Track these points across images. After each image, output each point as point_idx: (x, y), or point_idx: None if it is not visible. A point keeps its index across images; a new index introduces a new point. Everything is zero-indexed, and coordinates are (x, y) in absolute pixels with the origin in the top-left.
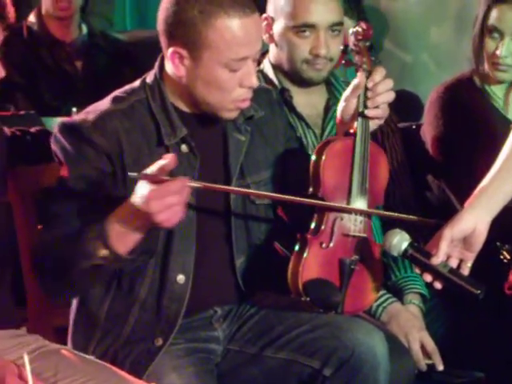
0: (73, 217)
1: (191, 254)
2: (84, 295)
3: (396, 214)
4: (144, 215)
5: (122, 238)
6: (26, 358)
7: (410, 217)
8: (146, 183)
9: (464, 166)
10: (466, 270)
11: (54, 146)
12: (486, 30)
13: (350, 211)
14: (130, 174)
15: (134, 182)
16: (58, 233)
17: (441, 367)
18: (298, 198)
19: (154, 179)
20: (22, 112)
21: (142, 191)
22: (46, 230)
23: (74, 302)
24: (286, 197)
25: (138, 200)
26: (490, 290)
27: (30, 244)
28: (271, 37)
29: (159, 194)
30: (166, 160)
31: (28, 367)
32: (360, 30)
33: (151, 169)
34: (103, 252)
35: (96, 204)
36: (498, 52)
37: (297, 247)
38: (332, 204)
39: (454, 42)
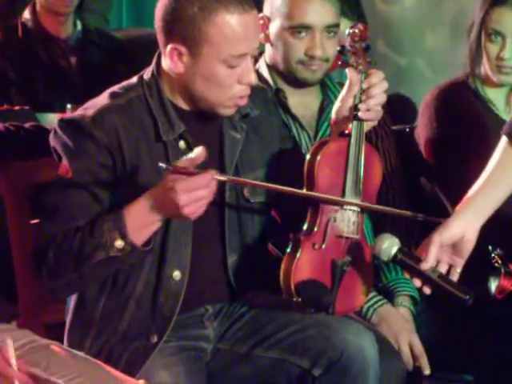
0: (76, 210)
1: (187, 250)
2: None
3: (389, 208)
4: (169, 207)
5: (140, 229)
6: (9, 341)
7: (404, 212)
8: (174, 176)
9: (456, 169)
10: (455, 276)
11: (53, 142)
12: (485, 34)
13: (345, 204)
14: (160, 164)
15: (145, 174)
16: (63, 226)
17: (427, 371)
18: (298, 190)
19: (183, 171)
20: (17, 107)
21: (171, 184)
22: (48, 224)
23: (71, 299)
24: (291, 189)
25: (165, 192)
26: (480, 293)
27: (22, 238)
28: (267, 37)
29: (190, 187)
30: (197, 153)
31: (12, 349)
32: (357, 30)
33: (181, 161)
34: (120, 243)
35: (98, 197)
36: (502, 54)
37: (289, 247)
38: (328, 196)
39: (448, 47)
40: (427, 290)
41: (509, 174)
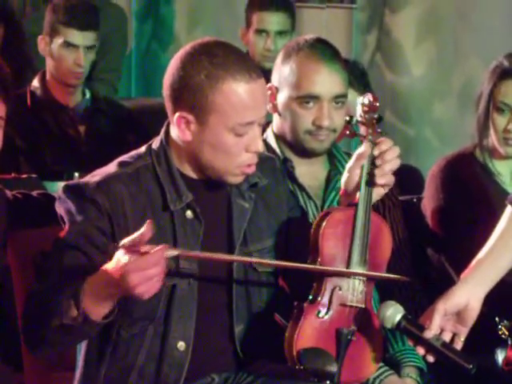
0: (65, 272)
1: (192, 320)
2: (81, 357)
3: (394, 276)
4: (121, 286)
5: (95, 302)
6: None
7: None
8: (124, 254)
9: (462, 240)
10: (459, 344)
11: (58, 208)
12: (494, 107)
13: (347, 274)
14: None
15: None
16: (44, 287)
17: None
18: (291, 264)
19: (133, 250)
20: (24, 176)
21: (120, 262)
22: (37, 285)
23: (78, 367)
24: (280, 262)
25: (117, 271)
26: (487, 365)
27: None
28: (275, 107)
29: (139, 267)
30: (143, 229)
31: None
32: (367, 101)
33: (129, 239)
34: (74, 313)
35: (91, 261)
36: (510, 127)
37: (293, 315)
38: (329, 268)
39: (457, 118)
40: (431, 358)
41: None
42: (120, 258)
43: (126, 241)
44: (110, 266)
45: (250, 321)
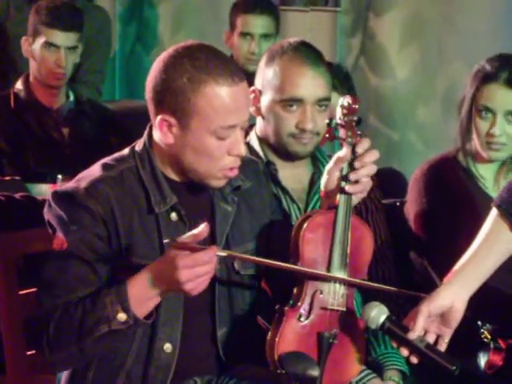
0: (74, 282)
1: (178, 323)
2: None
3: (373, 284)
4: (171, 282)
5: (142, 302)
6: None
7: (389, 288)
8: (176, 251)
9: (445, 244)
10: (443, 346)
11: (47, 215)
12: (476, 111)
13: (327, 278)
14: (164, 241)
15: (138, 246)
16: (62, 299)
17: None
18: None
19: (186, 247)
20: (7, 178)
21: (172, 259)
22: (47, 297)
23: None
24: (300, 268)
25: (167, 267)
26: (470, 368)
27: (11, 309)
28: (258, 110)
29: (191, 264)
30: (200, 229)
31: None
32: (346, 104)
33: (183, 236)
34: (122, 316)
35: (95, 268)
36: (492, 131)
37: (275, 319)
38: (313, 271)
39: (440, 121)
40: (414, 360)
41: (498, 245)
42: (171, 254)
43: (180, 238)
44: (157, 264)
45: (233, 324)
